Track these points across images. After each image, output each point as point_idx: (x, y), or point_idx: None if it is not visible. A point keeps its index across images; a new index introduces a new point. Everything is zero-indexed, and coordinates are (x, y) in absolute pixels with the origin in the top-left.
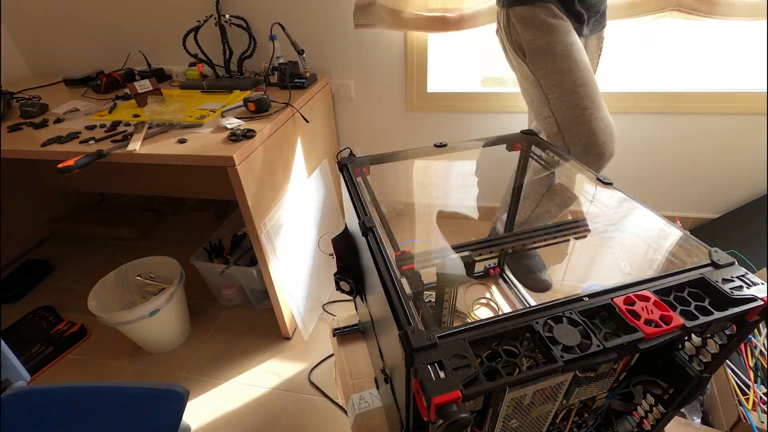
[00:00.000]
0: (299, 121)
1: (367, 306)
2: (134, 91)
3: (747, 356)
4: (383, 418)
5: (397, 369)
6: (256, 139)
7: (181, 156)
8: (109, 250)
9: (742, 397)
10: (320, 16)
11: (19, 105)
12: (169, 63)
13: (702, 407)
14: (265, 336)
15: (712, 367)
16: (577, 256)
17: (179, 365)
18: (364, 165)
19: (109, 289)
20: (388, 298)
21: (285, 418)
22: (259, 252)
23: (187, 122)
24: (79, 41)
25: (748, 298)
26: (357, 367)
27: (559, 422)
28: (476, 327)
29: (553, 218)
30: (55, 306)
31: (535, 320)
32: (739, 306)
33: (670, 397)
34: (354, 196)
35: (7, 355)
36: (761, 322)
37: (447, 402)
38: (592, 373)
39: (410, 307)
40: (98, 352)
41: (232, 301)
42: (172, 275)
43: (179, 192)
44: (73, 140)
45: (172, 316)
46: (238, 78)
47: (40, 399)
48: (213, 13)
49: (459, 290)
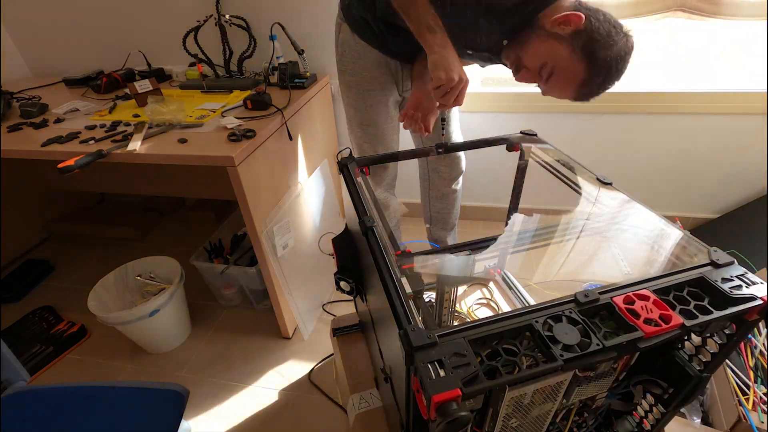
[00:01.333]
0: (299, 121)
1: (367, 306)
2: (134, 91)
3: (747, 356)
4: (383, 418)
5: (397, 368)
6: (256, 139)
7: (181, 156)
8: (109, 250)
9: (742, 397)
10: (320, 16)
11: (19, 105)
12: (169, 63)
13: (702, 407)
14: (265, 336)
15: (711, 367)
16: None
17: (179, 365)
18: (364, 165)
19: (109, 289)
20: (389, 297)
21: (285, 418)
22: (259, 252)
23: (187, 122)
24: (79, 41)
25: (747, 297)
26: (357, 367)
27: (558, 422)
28: (476, 326)
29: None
30: (55, 306)
31: (535, 319)
32: (738, 305)
33: (670, 397)
34: (354, 196)
35: (7, 355)
36: (761, 321)
37: (447, 400)
38: (592, 372)
39: (410, 307)
40: (98, 352)
41: (232, 301)
42: (172, 275)
43: (179, 192)
44: (73, 140)
45: (172, 316)
46: (238, 78)
47: (40, 399)
48: (213, 13)
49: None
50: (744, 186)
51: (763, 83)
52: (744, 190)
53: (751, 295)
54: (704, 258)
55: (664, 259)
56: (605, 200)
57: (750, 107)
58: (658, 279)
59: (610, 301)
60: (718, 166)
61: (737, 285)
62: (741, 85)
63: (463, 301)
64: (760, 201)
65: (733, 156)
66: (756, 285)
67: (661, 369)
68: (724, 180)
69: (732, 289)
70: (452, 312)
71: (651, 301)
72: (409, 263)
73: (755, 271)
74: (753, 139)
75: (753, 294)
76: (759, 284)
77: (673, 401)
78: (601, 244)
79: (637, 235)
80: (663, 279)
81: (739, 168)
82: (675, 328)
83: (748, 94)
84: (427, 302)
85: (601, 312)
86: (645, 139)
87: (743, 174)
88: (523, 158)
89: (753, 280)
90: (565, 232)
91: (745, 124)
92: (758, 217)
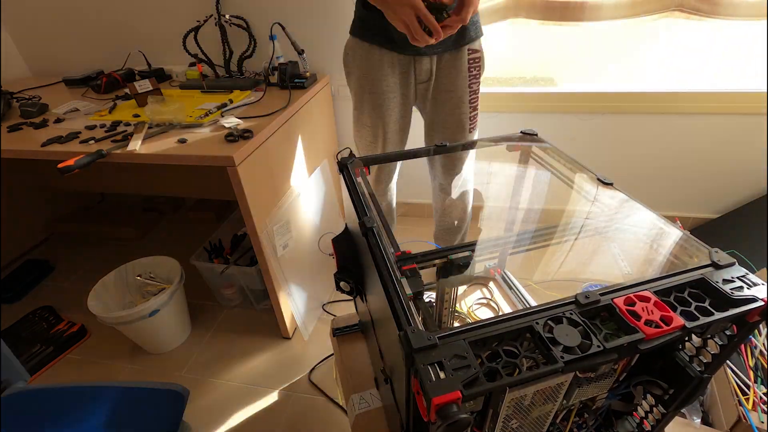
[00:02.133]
0: (299, 121)
1: (367, 306)
2: (134, 91)
3: (747, 356)
4: (383, 418)
5: (397, 369)
6: (256, 139)
7: (181, 156)
8: (109, 250)
9: (742, 397)
10: (320, 16)
11: (19, 105)
12: (169, 63)
13: (702, 407)
14: (265, 336)
15: (712, 368)
16: (577, 256)
17: (179, 365)
18: (364, 165)
19: (109, 289)
20: (389, 298)
21: (285, 418)
22: (259, 252)
23: (187, 122)
24: (79, 41)
25: (748, 298)
26: (357, 367)
27: (559, 422)
28: (476, 327)
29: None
30: (55, 306)
31: (536, 321)
32: (739, 307)
33: (670, 398)
34: (354, 196)
35: (7, 355)
36: (761, 322)
37: (447, 402)
38: (593, 373)
39: (410, 308)
40: (98, 352)
41: (232, 301)
42: (172, 275)
43: (179, 192)
44: (73, 140)
45: (172, 316)
46: (238, 78)
47: (40, 399)
48: (213, 13)
49: (459, 290)
50: (744, 186)
51: (763, 83)
52: (744, 190)
53: (752, 297)
54: (705, 258)
55: (664, 259)
56: (605, 200)
57: (750, 107)
58: (659, 280)
59: (611, 302)
60: (718, 166)
61: (738, 286)
62: (741, 85)
63: (464, 301)
64: (760, 201)
65: (733, 156)
66: (757, 286)
67: (661, 370)
68: (724, 180)
69: (733, 291)
70: (452, 312)
71: (652, 303)
72: (410, 264)
73: (755, 271)
74: (753, 139)
75: (754, 295)
76: (760, 285)
77: (673, 402)
78: (601, 244)
79: (636, 235)
80: (664, 280)
81: (739, 168)
82: (676, 329)
83: (748, 94)
84: (427, 302)
85: (601, 313)
86: (645, 139)
87: (743, 174)
88: (524, 158)
89: (754, 281)
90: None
91: (745, 124)
92: (758, 217)
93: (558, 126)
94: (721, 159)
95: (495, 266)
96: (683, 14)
